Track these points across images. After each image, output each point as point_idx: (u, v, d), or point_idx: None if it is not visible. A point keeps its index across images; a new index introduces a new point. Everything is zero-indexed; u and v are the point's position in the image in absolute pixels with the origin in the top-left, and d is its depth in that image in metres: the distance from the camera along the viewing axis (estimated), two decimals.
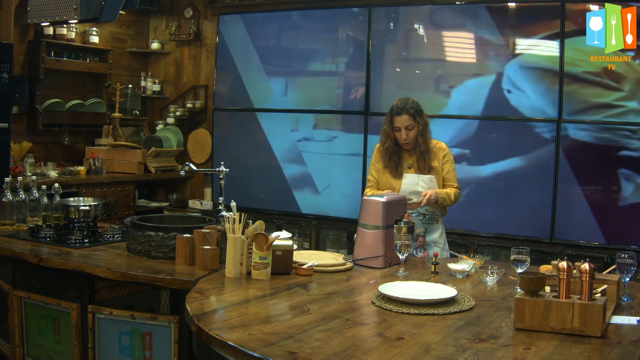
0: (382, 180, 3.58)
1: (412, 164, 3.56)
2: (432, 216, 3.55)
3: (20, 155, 5.32)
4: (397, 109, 3.48)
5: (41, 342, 3.05)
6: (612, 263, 3.46)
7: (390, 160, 3.54)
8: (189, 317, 2.09)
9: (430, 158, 3.53)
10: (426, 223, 3.54)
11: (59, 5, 4.88)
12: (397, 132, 3.50)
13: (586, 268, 1.99)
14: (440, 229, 3.60)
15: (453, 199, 3.52)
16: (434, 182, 3.51)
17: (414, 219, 3.44)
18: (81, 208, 3.34)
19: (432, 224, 3.56)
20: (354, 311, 2.24)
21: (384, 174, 3.58)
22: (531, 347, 1.86)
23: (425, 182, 3.50)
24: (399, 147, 3.56)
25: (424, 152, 3.51)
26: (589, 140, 4.75)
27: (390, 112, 3.52)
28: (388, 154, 3.54)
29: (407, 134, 3.46)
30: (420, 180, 3.50)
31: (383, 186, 3.57)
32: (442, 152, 3.57)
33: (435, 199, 3.40)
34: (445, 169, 3.56)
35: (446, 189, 3.53)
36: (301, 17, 5.92)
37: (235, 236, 2.62)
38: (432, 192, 3.39)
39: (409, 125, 3.46)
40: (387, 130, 3.54)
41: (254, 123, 6.14)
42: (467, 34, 5.19)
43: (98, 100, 6.08)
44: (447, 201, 3.50)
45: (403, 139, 3.48)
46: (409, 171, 3.55)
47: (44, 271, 2.98)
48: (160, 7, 6.57)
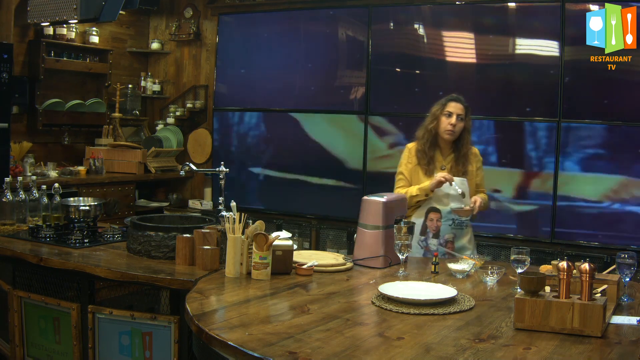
0: (413, 180, 3.49)
1: (445, 165, 3.47)
2: (461, 221, 3.43)
3: (20, 155, 5.32)
4: (454, 97, 3.48)
5: (41, 342, 3.05)
6: (612, 263, 3.46)
7: (427, 151, 3.45)
8: (189, 317, 2.09)
9: (467, 162, 3.46)
10: (455, 228, 3.42)
11: (59, 5, 4.88)
12: (446, 117, 3.43)
13: (586, 268, 1.99)
14: (470, 234, 3.49)
15: (488, 205, 3.53)
16: (465, 185, 3.40)
17: (443, 224, 3.37)
18: (81, 208, 3.34)
19: (462, 229, 3.44)
20: (354, 311, 2.24)
21: (415, 172, 3.49)
22: (531, 347, 1.86)
23: (457, 183, 3.37)
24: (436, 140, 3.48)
25: (462, 156, 3.45)
26: (589, 139, 4.75)
27: (446, 98, 3.48)
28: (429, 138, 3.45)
29: (457, 122, 3.40)
30: (453, 182, 3.36)
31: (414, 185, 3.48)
32: (475, 157, 3.53)
33: (482, 205, 3.37)
34: (478, 175, 3.53)
35: (482, 194, 3.50)
36: (301, 17, 5.92)
37: (235, 236, 2.62)
38: (479, 199, 3.35)
39: (460, 115, 3.42)
40: (436, 113, 3.47)
41: (254, 123, 6.14)
42: (467, 34, 5.19)
43: (98, 100, 6.08)
44: (484, 207, 3.47)
45: (452, 125, 3.40)
46: (442, 172, 3.43)
47: (44, 271, 2.98)
48: (160, 7, 6.57)
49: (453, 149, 3.49)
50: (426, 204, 3.42)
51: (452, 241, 3.40)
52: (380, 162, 5.56)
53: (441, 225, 3.38)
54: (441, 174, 3.34)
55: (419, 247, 3.41)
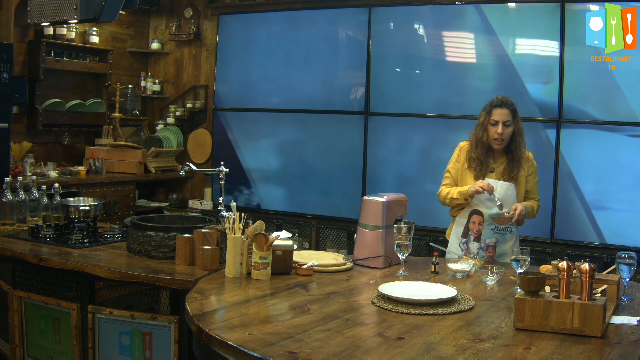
0: (460, 180, 3.39)
1: (494, 167, 3.36)
2: (506, 226, 3.31)
3: (20, 155, 5.32)
4: (498, 102, 3.32)
5: (41, 342, 3.05)
6: (612, 263, 3.46)
7: (480, 157, 3.33)
8: (189, 317, 2.09)
9: (520, 167, 3.33)
10: (498, 233, 3.30)
11: (59, 5, 4.88)
12: (492, 126, 3.30)
13: (586, 268, 2.00)
14: (514, 239, 3.35)
15: (535, 213, 3.36)
16: (512, 190, 3.28)
17: (485, 228, 3.27)
18: (81, 208, 3.34)
19: (505, 235, 3.31)
20: (354, 311, 2.24)
21: (464, 173, 3.39)
22: (531, 347, 1.86)
23: (503, 188, 3.26)
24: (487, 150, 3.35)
25: (515, 160, 3.32)
26: (589, 139, 4.75)
27: (490, 104, 3.34)
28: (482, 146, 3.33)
29: (504, 130, 3.28)
30: (498, 187, 3.26)
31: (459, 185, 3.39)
32: (528, 163, 3.37)
33: (524, 213, 3.22)
34: (530, 181, 3.37)
35: (529, 201, 3.35)
36: (301, 17, 5.91)
37: (235, 236, 2.62)
38: (521, 207, 3.20)
39: (507, 121, 3.28)
40: (484, 123, 3.33)
41: (254, 123, 6.14)
42: (467, 34, 5.19)
43: (98, 100, 6.08)
44: (530, 215, 3.33)
45: (499, 134, 3.28)
46: (489, 175, 3.34)
47: (44, 271, 2.98)
48: (160, 7, 6.57)
49: (506, 152, 3.36)
50: (470, 206, 3.33)
51: (493, 246, 3.28)
52: (380, 161, 5.56)
53: (483, 228, 3.27)
54: (480, 183, 3.22)
55: (459, 249, 3.31)
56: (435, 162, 5.15)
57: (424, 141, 5.38)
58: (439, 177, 3.56)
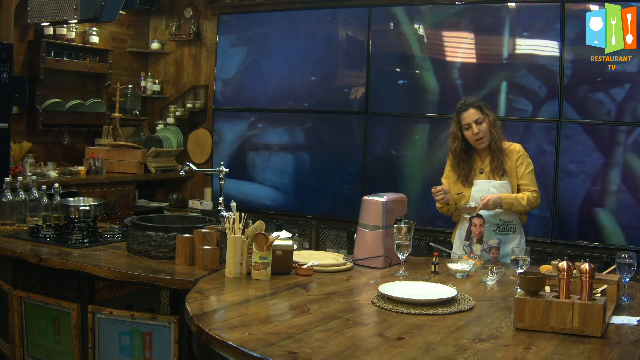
0: (454, 190, 3.38)
1: (483, 168, 3.34)
2: (507, 225, 3.27)
3: (20, 155, 5.32)
4: (461, 106, 3.32)
5: (41, 342, 3.05)
6: (612, 263, 3.46)
7: (459, 167, 3.33)
8: (189, 317, 2.09)
9: (504, 159, 3.29)
10: (500, 233, 3.27)
11: (59, 5, 4.88)
12: (467, 131, 3.29)
13: (586, 268, 2.00)
14: (518, 239, 3.31)
15: (525, 204, 3.22)
16: (506, 188, 3.27)
17: (486, 229, 3.20)
18: (81, 208, 3.34)
19: (508, 234, 3.29)
20: (354, 311, 2.24)
21: (455, 184, 3.38)
22: (531, 347, 1.86)
23: (497, 188, 3.26)
24: (469, 150, 3.35)
25: (497, 151, 3.28)
26: (589, 139, 4.75)
27: (456, 113, 3.33)
28: (457, 156, 3.33)
29: (479, 128, 3.25)
30: (491, 187, 3.26)
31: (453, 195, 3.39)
32: (515, 154, 3.32)
33: (495, 204, 3.15)
34: (520, 172, 3.30)
35: (519, 193, 3.27)
36: (301, 17, 5.91)
37: (235, 236, 2.63)
38: (493, 197, 3.15)
39: (478, 119, 3.26)
40: (454, 131, 3.33)
41: (254, 123, 6.14)
42: (467, 34, 5.19)
43: (98, 100, 6.08)
44: (518, 207, 3.22)
45: (475, 134, 3.26)
46: (480, 177, 3.33)
47: (44, 271, 2.98)
48: (160, 7, 6.57)
49: (489, 149, 3.34)
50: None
51: (497, 247, 3.23)
52: (380, 161, 5.56)
53: (484, 230, 3.21)
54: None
55: (463, 252, 3.28)
56: (435, 162, 5.16)
57: (424, 141, 5.38)
58: (439, 177, 3.56)
